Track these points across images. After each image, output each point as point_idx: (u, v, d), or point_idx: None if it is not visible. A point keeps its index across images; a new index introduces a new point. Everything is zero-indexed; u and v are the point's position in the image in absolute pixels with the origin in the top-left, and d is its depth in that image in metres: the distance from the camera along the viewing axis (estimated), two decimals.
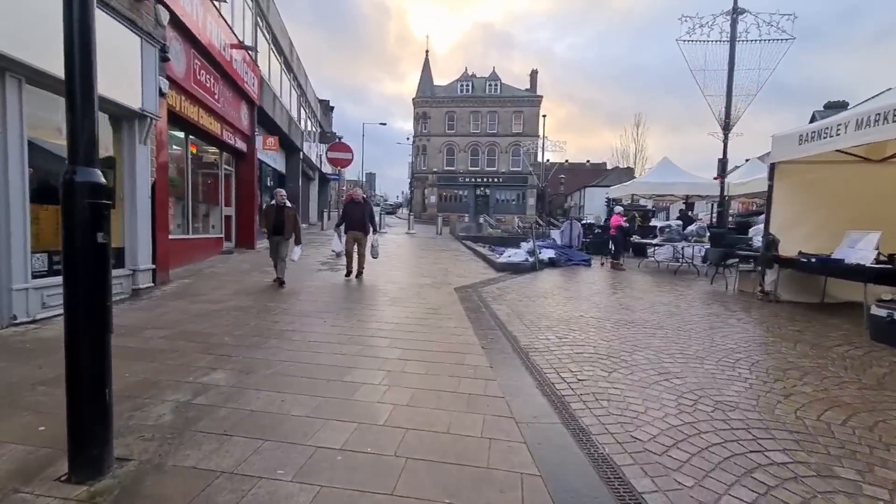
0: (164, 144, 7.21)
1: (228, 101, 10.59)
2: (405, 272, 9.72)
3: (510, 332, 5.04)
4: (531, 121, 42.13)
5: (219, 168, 11.39)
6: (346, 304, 6.32)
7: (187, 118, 8.66)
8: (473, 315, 5.83)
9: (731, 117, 12.34)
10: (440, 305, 6.35)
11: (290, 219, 7.45)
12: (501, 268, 10.36)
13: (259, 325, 4.97)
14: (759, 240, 7.81)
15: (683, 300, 7.19)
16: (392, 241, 17.56)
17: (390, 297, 6.84)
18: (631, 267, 11.71)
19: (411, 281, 8.60)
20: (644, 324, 5.48)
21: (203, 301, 6.07)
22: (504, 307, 6.38)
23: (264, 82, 13.05)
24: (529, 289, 8.09)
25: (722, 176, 12.49)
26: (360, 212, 8.24)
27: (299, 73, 19.24)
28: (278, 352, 4.05)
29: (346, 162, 11.74)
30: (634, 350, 4.39)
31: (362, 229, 8.24)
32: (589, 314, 5.97)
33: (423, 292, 7.38)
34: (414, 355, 4.10)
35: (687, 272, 10.67)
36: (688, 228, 10.62)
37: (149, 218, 6.56)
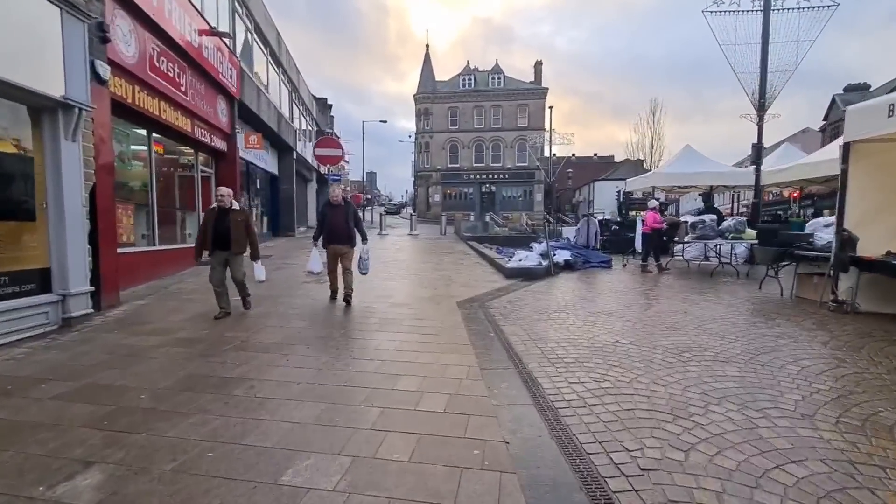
0: (107, 141, 6.06)
1: (200, 95, 9.44)
2: (402, 282, 8.51)
3: (529, 370, 3.80)
4: (537, 114, 40.71)
5: (194, 170, 10.26)
6: (323, 331, 5.12)
7: (147, 113, 7.52)
8: (480, 343, 4.60)
9: (766, 96, 10.99)
10: (439, 329, 5.13)
11: (240, 226, 5.57)
12: (511, 273, 9.12)
13: (199, 369, 3.79)
14: (822, 237, 6.49)
15: (737, 313, 5.90)
16: (392, 245, 16.37)
17: (378, 318, 5.63)
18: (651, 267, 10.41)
19: (408, 294, 7.39)
20: (703, 353, 4.22)
21: (146, 332, 4.91)
22: (517, 329, 5.15)
23: (245, 75, 11.91)
24: (546, 300, 6.84)
25: (757, 163, 11.14)
26: (342, 217, 6.29)
27: (290, 68, 18.10)
28: (204, 421, 2.86)
29: (336, 159, 10.57)
30: (707, 402, 3.13)
31: (346, 240, 6.34)
32: (626, 338, 4.71)
33: (421, 310, 6.16)
34: (397, 421, 2.89)
35: (724, 273, 9.35)
36: (724, 223, 9.29)
37: (83, 230, 5.41)
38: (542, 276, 9.15)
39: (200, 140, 9.72)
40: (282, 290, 7.40)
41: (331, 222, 6.30)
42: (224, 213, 5.58)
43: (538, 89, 41.32)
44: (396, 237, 20.12)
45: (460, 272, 9.86)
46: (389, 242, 17.30)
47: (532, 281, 8.71)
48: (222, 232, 5.49)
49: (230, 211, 5.61)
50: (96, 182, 5.72)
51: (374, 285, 7.97)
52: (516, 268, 9.22)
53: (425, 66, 42.53)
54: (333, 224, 6.30)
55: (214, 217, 5.56)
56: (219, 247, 5.52)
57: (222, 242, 5.50)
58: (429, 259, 12.50)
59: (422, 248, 15.69)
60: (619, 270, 10.37)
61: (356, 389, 3.39)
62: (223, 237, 5.49)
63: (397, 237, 20.16)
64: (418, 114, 42.48)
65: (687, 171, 13.15)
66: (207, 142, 10.06)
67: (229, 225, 5.52)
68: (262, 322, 5.41)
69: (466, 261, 11.95)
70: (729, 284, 8.19)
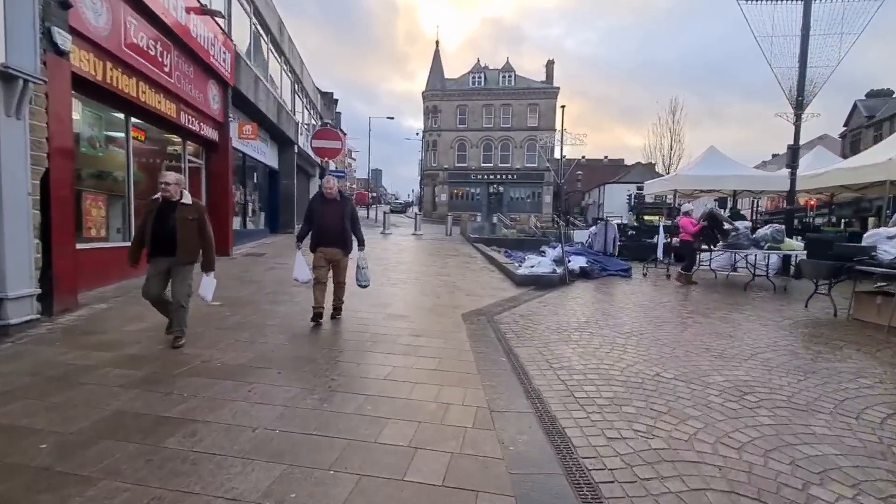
0: (66, 121, 5.29)
1: (188, 78, 8.68)
2: (401, 289, 7.69)
3: (552, 414, 2.97)
4: (547, 114, 39.78)
5: (182, 160, 9.51)
6: (303, 349, 4.31)
7: (122, 93, 6.75)
8: (490, 371, 3.77)
9: (804, 93, 10.06)
10: (441, 351, 4.30)
11: (190, 226, 4.17)
12: (522, 281, 8.28)
13: (133, 403, 2.99)
14: (887, 250, 5.59)
15: (791, 338, 5.02)
16: (394, 245, 15.57)
17: (370, 334, 4.81)
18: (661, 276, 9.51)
19: (407, 303, 6.57)
20: (770, 395, 3.36)
21: (91, 346, 4.13)
22: (534, 352, 4.31)
23: (241, 60, 11.15)
24: (563, 315, 5.99)
25: (793, 166, 10.21)
26: (337, 215, 5.08)
27: (292, 58, 17.35)
28: (107, 494, 2.05)
29: (335, 152, 9.79)
30: (805, 481, 2.28)
31: (341, 244, 5.14)
32: (668, 370, 3.86)
33: (421, 324, 5.34)
34: (377, 501, 2.06)
35: (758, 287, 8.43)
36: (760, 231, 8.38)
37: (28, 222, 4.64)
38: (557, 285, 8.31)
39: (188, 128, 8.96)
40: (266, 295, 6.61)
41: (322, 220, 5.05)
42: (170, 206, 4.17)
43: (549, 88, 40.36)
44: (400, 237, 19.32)
45: (466, 278, 9.03)
46: (392, 242, 16.51)
47: (545, 290, 7.87)
48: (165, 232, 4.12)
49: (179, 205, 4.19)
50: (49, 167, 4.95)
51: (371, 291, 7.11)
52: (528, 275, 8.38)
53: (434, 63, 41.73)
54: (326, 223, 5.05)
55: (156, 211, 4.15)
56: (160, 251, 4.15)
57: (165, 246, 4.13)
58: (432, 262, 11.68)
59: (425, 250, 14.88)
60: (639, 280, 9.49)
61: (328, 441, 2.57)
62: (166, 239, 4.12)
63: (401, 237, 19.36)
64: (426, 111, 41.67)
65: (711, 173, 12.22)
66: (196, 130, 9.30)
67: (175, 224, 4.12)
68: (234, 335, 4.61)
69: (473, 265, 11.11)
70: (768, 300, 7.29)
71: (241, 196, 13.52)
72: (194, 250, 4.28)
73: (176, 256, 4.17)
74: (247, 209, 14.24)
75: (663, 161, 37.11)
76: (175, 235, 4.13)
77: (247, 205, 14.22)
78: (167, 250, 4.14)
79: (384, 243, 16.10)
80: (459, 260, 12.03)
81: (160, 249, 4.16)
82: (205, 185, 10.40)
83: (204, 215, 4.35)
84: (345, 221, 5.15)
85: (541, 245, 15.94)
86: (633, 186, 43.36)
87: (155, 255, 4.20)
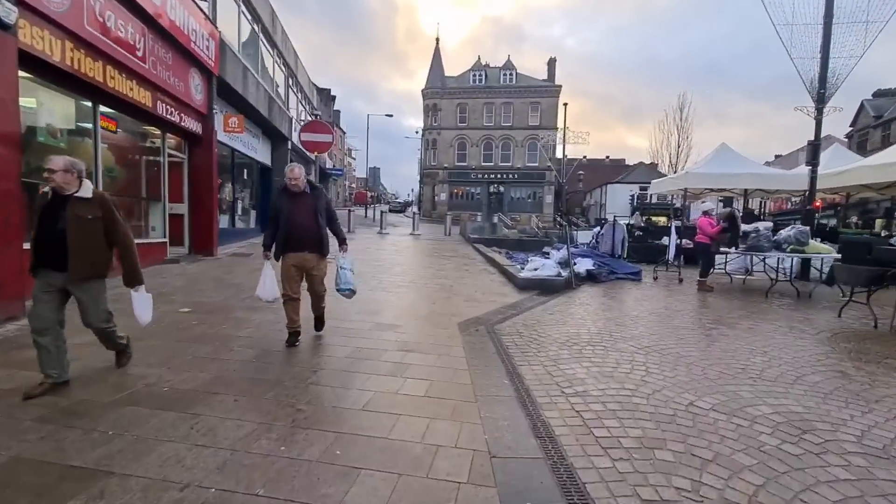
0: (10, 105, 4.67)
1: (165, 65, 8.06)
2: (394, 293, 7.07)
3: (571, 464, 2.34)
4: (549, 112, 39.12)
5: (161, 154, 8.88)
6: (270, 369, 3.68)
7: (86, 78, 6.14)
8: (491, 400, 3.15)
9: (826, 85, 9.43)
10: (433, 372, 3.67)
11: (89, 228, 3.04)
12: (525, 285, 7.66)
13: (39, 446, 2.37)
14: None
15: (835, 355, 4.39)
16: (391, 245, 14.94)
17: (352, 349, 4.19)
18: (671, 279, 8.89)
19: (399, 310, 5.95)
20: (834, 433, 2.73)
21: (20, 363, 3.50)
22: (542, 373, 3.69)
23: (227, 49, 10.52)
24: (572, 324, 5.37)
25: (813, 163, 9.58)
26: (307, 211, 4.12)
27: (286, 50, 16.72)
28: None
29: (325, 146, 9.17)
30: None
31: (315, 246, 4.18)
32: (703, 398, 3.23)
33: (412, 335, 4.71)
34: None
35: (780, 293, 7.80)
36: (782, 233, 7.75)
37: None
38: (562, 290, 7.68)
39: (167, 119, 8.34)
40: (243, 301, 5.99)
41: (290, 220, 4.06)
42: (61, 202, 3.00)
43: (551, 86, 39.70)
44: (397, 237, 18.70)
45: (464, 281, 8.40)
46: (388, 243, 15.89)
47: (550, 295, 7.25)
48: (53, 237, 2.97)
49: (72, 200, 3.00)
50: None
51: (360, 296, 6.48)
52: (531, 278, 7.75)
53: (435, 60, 41.08)
54: (294, 223, 4.06)
55: (42, 209, 3.04)
56: (48, 262, 3.01)
57: (53, 256, 2.98)
58: (429, 263, 11.06)
59: (423, 251, 14.25)
60: (650, 284, 8.86)
61: None
62: (54, 246, 2.97)
63: (398, 237, 18.74)
64: (426, 109, 41.02)
65: (723, 171, 11.60)
66: (176, 121, 8.67)
67: (65, 226, 2.97)
68: (194, 349, 3.99)
69: (472, 267, 10.49)
70: (794, 308, 6.66)
71: (229, 193, 12.90)
72: (97, 260, 3.10)
73: (69, 271, 2.99)
74: (236, 207, 13.61)
75: (671, 159, 35.75)
76: (64, 241, 2.96)
77: (236, 202, 13.59)
78: (57, 262, 2.99)
79: (380, 243, 15.48)
80: (458, 261, 11.41)
81: (48, 260, 3.00)
82: (187, 181, 9.77)
83: (112, 212, 3.14)
84: (318, 219, 4.16)
85: (543, 246, 15.33)
86: (635, 187, 42.76)
87: (42, 268, 3.03)
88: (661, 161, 36.30)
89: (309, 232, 4.14)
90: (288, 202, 4.13)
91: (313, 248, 4.18)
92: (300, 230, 4.11)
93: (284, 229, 4.09)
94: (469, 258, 12.26)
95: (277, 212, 4.12)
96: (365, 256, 11.38)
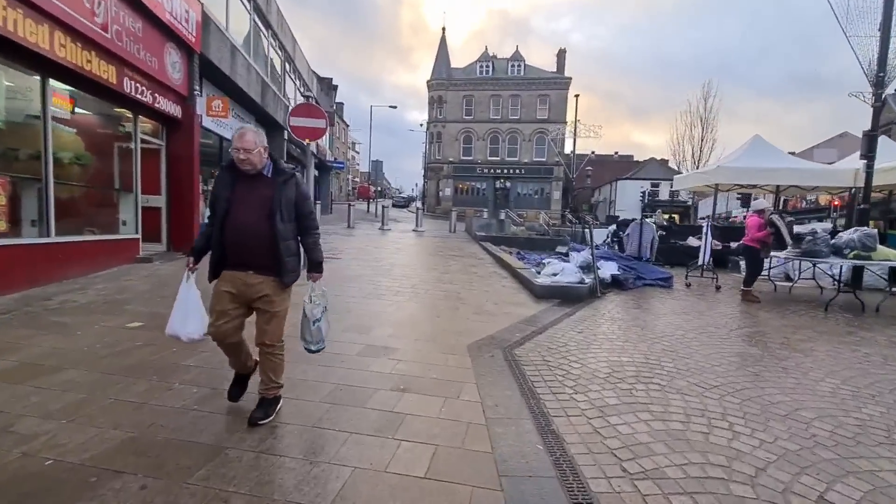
0: None
1: (134, 37, 7.04)
2: (391, 302, 6.05)
3: None
4: (558, 105, 37.91)
5: (133, 139, 7.89)
6: (207, 427, 2.69)
7: (30, 45, 5.15)
8: (525, 486, 2.14)
9: (886, 68, 8.31)
10: (438, 430, 2.66)
11: None
12: (543, 293, 6.63)
13: None
14: None
15: None
16: (392, 244, 13.93)
17: (328, 393, 3.18)
18: (700, 284, 7.84)
19: (396, 325, 4.92)
20: None
21: None
22: (588, 431, 2.68)
23: (210, 23, 9.48)
24: (609, 348, 4.34)
25: (870, 156, 8.47)
26: (259, 206, 2.57)
27: (282, 32, 15.67)
28: None
29: (318, 132, 8.16)
30: None
31: (267, 265, 2.61)
32: (836, 485, 2.21)
33: (410, 366, 3.70)
34: None
35: (840, 305, 6.73)
36: (843, 236, 6.66)
37: None
38: (586, 298, 6.66)
39: (137, 98, 7.34)
40: None
41: (229, 216, 2.57)
42: None
43: (561, 78, 38.44)
44: (399, 234, 17.69)
45: (473, 286, 7.38)
46: (389, 240, 14.88)
47: (572, 305, 6.23)
48: None
49: None
50: None
51: (350, 306, 5.54)
52: (551, 286, 6.72)
53: (440, 50, 39.88)
54: (235, 221, 2.56)
55: None
56: None
57: None
58: (434, 264, 10.04)
59: (426, 249, 13.24)
60: (683, 292, 7.82)
61: None
62: None
63: (400, 234, 17.73)
64: (431, 101, 39.88)
65: (760, 166, 10.49)
66: (149, 102, 7.66)
67: None
68: (120, 388, 3.00)
69: (480, 269, 9.47)
70: (869, 327, 5.60)
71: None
72: None
73: None
74: None
75: (693, 153, 33.26)
76: None
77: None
78: None
79: (381, 241, 14.47)
80: (465, 262, 10.38)
81: None
82: (165, 170, 8.78)
83: None
84: (277, 220, 2.56)
85: (555, 245, 14.30)
86: (646, 183, 41.53)
87: None
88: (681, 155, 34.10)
89: (257, 239, 2.54)
90: (231, 188, 2.59)
91: (263, 268, 2.59)
92: (243, 235, 2.54)
93: (219, 233, 2.57)
94: (476, 258, 11.23)
95: (216, 201, 2.61)
96: (362, 256, 10.39)
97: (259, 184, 2.62)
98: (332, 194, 36.08)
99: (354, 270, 8.21)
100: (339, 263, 8.93)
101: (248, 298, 2.63)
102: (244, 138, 2.53)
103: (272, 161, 2.69)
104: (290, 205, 2.65)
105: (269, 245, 2.57)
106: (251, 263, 2.60)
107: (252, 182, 2.62)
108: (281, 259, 2.60)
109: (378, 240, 14.72)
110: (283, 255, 2.60)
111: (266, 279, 2.61)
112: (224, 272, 2.63)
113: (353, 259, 9.70)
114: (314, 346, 2.88)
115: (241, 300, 2.63)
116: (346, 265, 8.81)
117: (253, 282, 2.60)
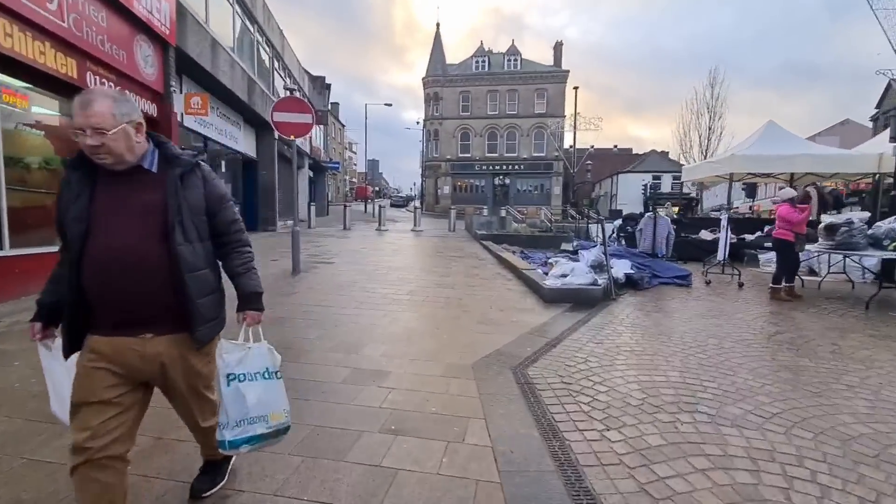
0: None
1: (97, 26, 6.42)
2: (384, 314, 5.43)
3: None
4: (556, 99, 37.26)
5: None
6: (153, 488, 2.07)
7: None
8: None
9: None
10: (439, 498, 2.05)
11: None
12: (554, 297, 6.02)
13: None
14: None
15: None
16: (388, 245, 13.32)
17: (298, 442, 2.56)
18: (715, 280, 7.22)
19: (388, 343, 4.30)
20: None
21: None
22: (631, 489, 2.06)
23: (187, 14, 8.86)
24: (637, 365, 3.73)
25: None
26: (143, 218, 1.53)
27: (268, 28, 15.04)
28: None
29: (303, 128, 7.54)
30: None
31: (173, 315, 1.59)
32: None
33: (405, 396, 3.08)
34: None
35: (882, 301, 6.13)
36: (882, 226, 6.03)
37: None
38: (600, 301, 6.05)
39: None
40: None
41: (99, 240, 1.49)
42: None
43: (559, 72, 37.75)
44: (397, 234, 17.08)
45: (475, 291, 6.77)
46: (386, 242, 14.26)
47: (586, 310, 5.62)
48: None
49: None
50: None
51: (339, 318, 4.93)
52: (561, 289, 6.11)
53: (435, 46, 39.18)
54: (108, 246, 1.49)
55: None
56: None
57: None
58: (432, 267, 9.43)
59: (425, 250, 12.62)
60: (703, 290, 7.21)
61: None
62: None
63: (398, 234, 17.12)
64: (427, 98, 39.21)
65: (776, 153, 9.87)
66: None
67: None
68: (44, 445, 2.39)
69: (483, 270, 8.85)
70: None
71: None
72: None
73: None
74: None
75: (700, 143, 32.03)
76: None
77: None
78: None
79: (378, 242, 13.87)
80: (466, 263, 9.77)
81: None
82: None
83: None
84: (174, 240, 1.55)
85: (559, 242, 13.70)
86: (648, 176, 40.88)
87: None
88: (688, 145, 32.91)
89: (142, 274, 1.52)
90: (89, 197, 1.52)
91: (158, 322, 1.60)
92: (116, 271, 1.50)
93: (75, 272, 1.50)
94: (478, 258, 10.62)
95: (63, 218, 1.53)
96: (357, 259, 9.78)
97: (137, 185, 1.56)
98: (328, 196, 35.46)
99: (347, 276, 7.60)
100: (331, 269, 8.32)
101: (145, 376, 1.63)
102: (91, 107, 1.43)
103: (157, 145, 1.65)
104: (197, 213, 1.64)
105: (166, 281, 1.55)
106: (139, 318, 1.56)
107: (124, 183, 1.55)
108: (190, 302, 1.59)
109: (374, 241, 14.11)
110: (192, 296, 1.59)
111: (167, 340, 1.61)
112: (94, 338, 1.56)
113: (347, 263, 9.10)
114: (235, 436, 1.70)
115: (130, 380, 1.59)
116: (339, 270, 8.20)
117: (151, 351, 1.59)
